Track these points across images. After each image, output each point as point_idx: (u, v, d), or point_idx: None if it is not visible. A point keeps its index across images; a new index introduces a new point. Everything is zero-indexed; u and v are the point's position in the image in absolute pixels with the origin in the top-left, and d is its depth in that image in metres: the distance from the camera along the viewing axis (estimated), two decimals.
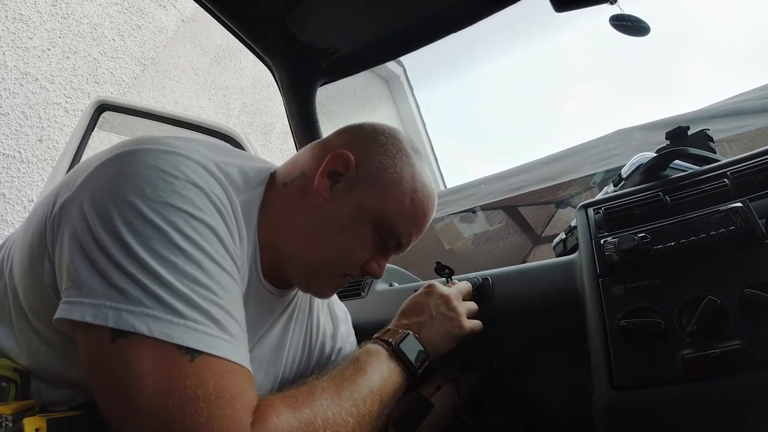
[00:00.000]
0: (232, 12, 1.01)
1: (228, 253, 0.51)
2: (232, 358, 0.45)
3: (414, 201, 0.66)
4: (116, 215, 0.45)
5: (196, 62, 3.35)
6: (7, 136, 2.25)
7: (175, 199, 0.47)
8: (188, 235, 0.47)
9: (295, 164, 0.68)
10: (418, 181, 0.67)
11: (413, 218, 0.67)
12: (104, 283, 0.43)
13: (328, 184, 0.64)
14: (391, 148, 0.67)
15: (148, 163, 0.49)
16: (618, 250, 0.70)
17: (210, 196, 0.51)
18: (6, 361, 0.52)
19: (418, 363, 0.67)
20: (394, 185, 0.65)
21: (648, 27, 0.86)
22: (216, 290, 0.46)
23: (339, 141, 0.68)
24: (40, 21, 2.47)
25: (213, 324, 0.45)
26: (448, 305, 0.77)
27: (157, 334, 0.41)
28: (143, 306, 0.42)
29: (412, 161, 0.68)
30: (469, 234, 3.36)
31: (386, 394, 0.60)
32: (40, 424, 0.46)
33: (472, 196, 2.82)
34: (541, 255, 3.26)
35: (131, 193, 0.46)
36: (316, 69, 1.17)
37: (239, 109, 3.63)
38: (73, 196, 0.49)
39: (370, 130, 0.69)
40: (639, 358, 0.61)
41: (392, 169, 0.65)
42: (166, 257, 0.45)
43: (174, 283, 0.44)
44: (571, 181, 2.52)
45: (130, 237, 0.44)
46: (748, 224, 0.62)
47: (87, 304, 0.42)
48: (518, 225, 3.31)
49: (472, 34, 1.08)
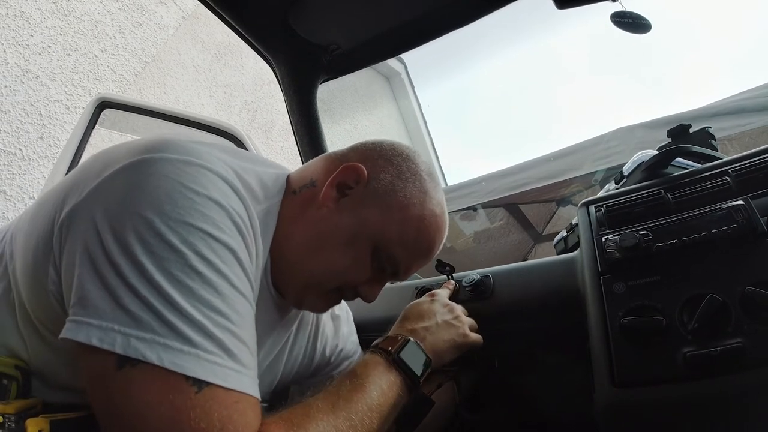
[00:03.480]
0: (233, 9, 1.01)
1: (246, 275, 0.49)
2: (240, 388, 0.43)
3: (420, 230, 0.64)
4: (131, 232, 0.43)
5: (197, 59, 3.35)
6: (8, 133, 2.25)
7: (195, 218, 0.45)
8: (207, 257, 0.45)
9: (306, 171, 0.67)
10: (427, 209, 0.64)
11: (415, 248, 0.65)
12: (114, 304, 0.41)
13: (336, 195, 0.62)
14: (405, 171, 0.65)
15: (167, 175, 0.46)
16: (619, 248, 0.70)
17: (231, 215, 0.49)
18: (7, 359, 0.51)
19: (419, 372, 0.65)
20: (401, 209, 0.63)
21: (649, 24, 0.85)
22: (231, 316, 0.45)
23: (354, 155, 0.66)
24: (41, 18, 2.47)
25: (224, 353, 0.43)
26: (454, 313, 0.77)
27: (167, 365, 0.40)
28: (154, 333, 0.40)
29: (426, 187, 0.65)
30: (470, 231, 3.36)
31: (386, 409, 0.58)
32: (43, 425, 0.46)
33: (474, 194, 2.83)
34: (542, 253, 3.26)
35: (148, 209, 0.44)
36: (317, 66, 1.17)
37: (240, 106, 3.63)
38: (84, 203, 0.47)
39: (389, 148, 0.67)
40: (640, 356, 0.61)
41: (402, 192, 0.63)
42: (182, 281, 0.43)
43: (188, 310, 0.42)
44: (572, 178, 2.51)
45: (145, 257, 0.42)
46: (749, 222, 0.62)
47: (94, 326, 0.41)
48: (519, 223, 3.31)
49: (473, 32, 1.08)
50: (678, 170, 0.87)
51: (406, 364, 0.64)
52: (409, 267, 0.67)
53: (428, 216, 0.64)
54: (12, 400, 0.48)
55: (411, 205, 0.63)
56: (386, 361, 0.63)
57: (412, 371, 0.64)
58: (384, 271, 0.65)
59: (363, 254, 0.62)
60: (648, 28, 0.86)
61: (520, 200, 3.09)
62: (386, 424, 0.59)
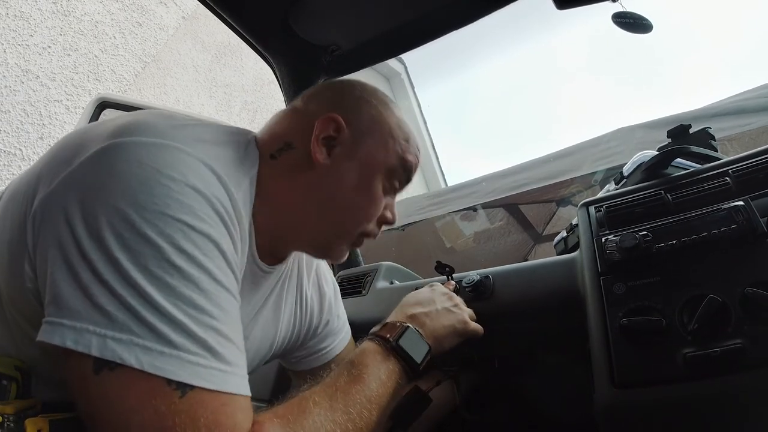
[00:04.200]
0: (233, 9, 1.01)
1: (230, 267, 0.47)
2: (226, 389, 0.41)
3: (407, 136, 0.68)
4: (105, 225, 0.40)
5: (197, 59, 3.35)
6: (8, 133, 2.25)
7: (172, 208, 0.42)
8: (186, 250, 0.42)
9: (275, 133, 0.65)
10: (397, 116, 0.68)
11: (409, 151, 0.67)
12: (88, 303, 0.39)
13: (326, 150, 0.61)
14: (371, 99, 0.67)
15: (141, 160, 0.43)
16: (619, 249, 0.70)
17: (212, 202, 0.46)
18: (7, 359, 0.50)
19: (419, 359, 0.64)
20: (390, 131, 0.65)
21: (650, 24, 0.85)
22: (214, 313, 0.42)
23: (317, 106, 0.65)
24: (41, 18, 2.47)
25: (208, 353, 0.41)
26: (453, 301, 0.78)
27: (147, 368, 0.38)
28: (131, 334, 0.38)
29: (389, 105, 0.69)
30: (470, 232, 3.36)
31: (385, 399, 0.57)
32: (43, 425, 0.45)
33: (473, 194, 2.82)
34: (542, 253, 3.26)
35: (122, 200, 0.41)
36: (317, 66, 1.17)
37: (240, 106, 3.63)
38: (54, 194, 0.44)
39: (345, 87, 0.69)
40: (640, 357, 0.61)
41: (380, 117, 0.66)
42: (160, 277, 0.40)
43: (167, 308, 0.40)
44: (572, 179, 2.51)
45: (120, 252, 0.40)
46: (749, 223, 0.62)
47: (68, 327, 0.38)
48: (519, 223, 3.31)
49: (473, 32, 1.08)
50: (678, 171, 0.87)
51: (406, 352, 0.63)
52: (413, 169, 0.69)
53: (405, 128, 0.68)
54: (11, 400, 0.47)
55: (390, 123, 0.66)
56: (385, 350, 0.62)
57: (411, 359, 0.63)
58: (395, 187, 0.68)
59: (375, 187, 0.64)
60: (649, 28, 0.86)
61: (520, 201, 3.08)
62: (385, 414, 0.58)
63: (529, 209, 3.26)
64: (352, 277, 1.21)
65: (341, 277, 1.25)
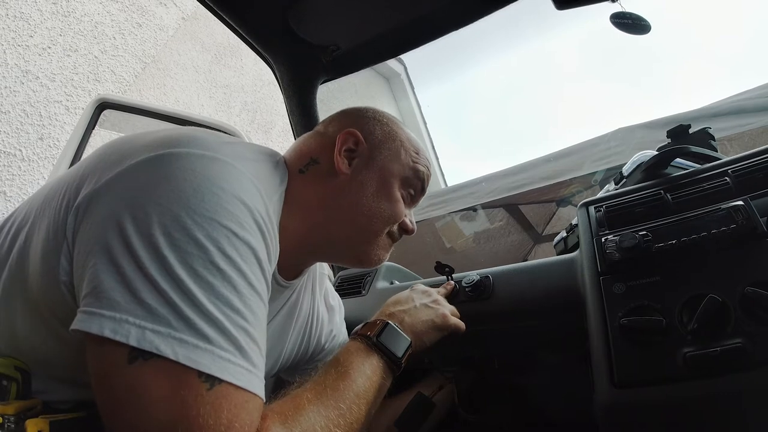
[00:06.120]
0: (233, 9, 1.01)
1: (263, 275, 0.50)
2: (250, 388, 0.43)
3: (419, 151, 0.75)
4: (156, 224, 0.43)
5: (197, 60, 3.35)
6: (7, 134, 2.25)
7: (220, 215, 0.45)
8: (229, 254, 0.45)
9: (302, 153, 0.71)
10: (412, 138, 0.76)
11: (425, 164, 0.75)
12: (129, 296, 0.41)
13: (348, 161, 0.68)
14: (382, 119, 0.75)
15: (195, 169, 0.47)
16: (619, 248, 0.70)
17: (254, 213, 0.49)
18: (7, 359, 0.51)
19: (400, 353, 0.67)
20: (401, 144, 0.73)
21: (649, 25, 0.86)
22: (247, 316, 0.45)
23: (336, 127, 0.72)
24: (41, 19, 2.47)
25: (237, 351, 0.43)
26: (431, 297, 0.81)
27: (182, 359, 0.40)
28: (170, 327, 0.40)
29: (398, 124, 0.76)
30: (469, 232, 3.36)
31: (372, 394, 0.60)
32: (43, 426, 0.45)
33: (473, 195, 2.82)
34: (541, 253, 3.27)
35: (176, 203, 0.44)
36: (316, 66, 1.17)
37: (240, 107, 3.63)
38: (103, 190, 0.46)
39: (359, 110, 0.76)
40: (640, 356, 0.61)
41: (392, 133, 0.73)
42: (204, 277, 0.43)
43: (206, 305, 0.42)
44: (572, 179, 2.51)
45: (169, 250, 0.42)
46: (749, 222, 0.62)
47: (107, 317, 0.40)
48: (519, 223, 3.31)
49: (473, 33, 1.08)
50: (678, 171, 0.87)
51: (387, 347, 0.66)
52: (426, 178, 0.76)
53: (412, 137, 0.76)
54: (12, 401, 0.48)
55: (401, 137, 0.74)
56: (367, 347, 0.65)
57: (392, 353, 0.66)
58: (413, 196, 0.75)
59: (395, 191, 0.70)
60: (647, 28, 0.86)
61: (520, 201, 3.09)
62: (373, 408, 0.61)
63: (528, 209, 3.26)
64: (352, 277, 1.21)
65: (341, 277, 1.25)
